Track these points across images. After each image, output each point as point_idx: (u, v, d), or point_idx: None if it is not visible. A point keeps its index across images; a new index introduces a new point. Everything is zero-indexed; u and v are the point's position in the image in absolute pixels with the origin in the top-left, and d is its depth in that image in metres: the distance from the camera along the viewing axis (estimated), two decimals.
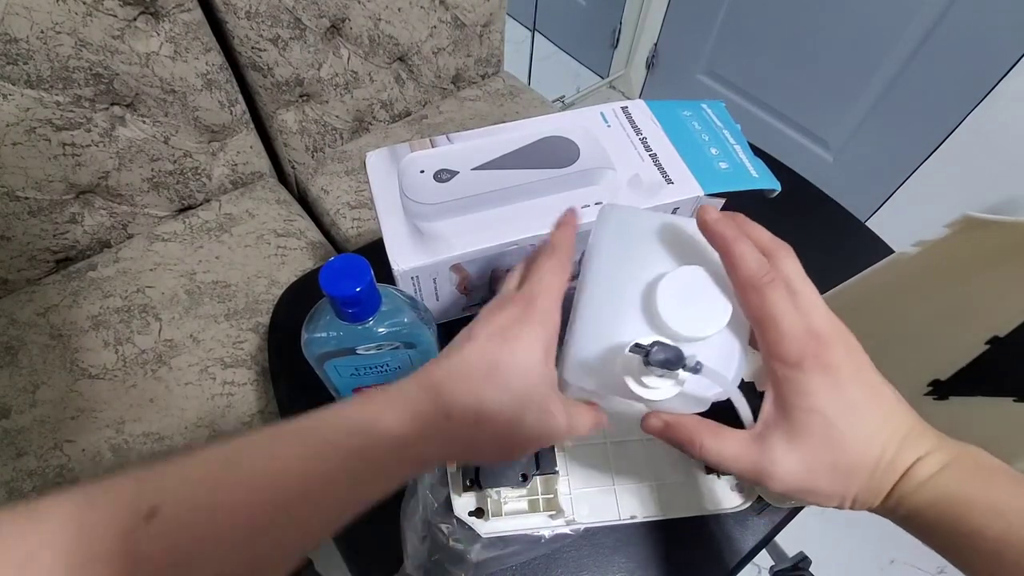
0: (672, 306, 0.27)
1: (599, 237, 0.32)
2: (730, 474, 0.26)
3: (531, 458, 0.43)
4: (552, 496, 0.44)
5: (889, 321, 0.35)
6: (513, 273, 0.33)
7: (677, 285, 0.28)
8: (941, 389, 0.34)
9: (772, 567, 0.76)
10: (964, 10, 1.07)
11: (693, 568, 0.43)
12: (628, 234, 0.31)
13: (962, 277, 0.29)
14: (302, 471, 0.23)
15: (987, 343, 0.26)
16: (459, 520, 0.43)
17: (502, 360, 0.27)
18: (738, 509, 0.45)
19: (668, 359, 0.25)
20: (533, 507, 0.44)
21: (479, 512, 0.44)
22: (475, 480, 0.42)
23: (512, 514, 0.44)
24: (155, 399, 0.73)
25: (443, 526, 0.42)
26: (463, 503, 0.44)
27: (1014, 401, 0.30)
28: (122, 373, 0.74)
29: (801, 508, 0.46)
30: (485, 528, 0.43)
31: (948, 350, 0.31)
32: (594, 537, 0.44)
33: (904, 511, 0.25)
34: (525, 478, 0.43)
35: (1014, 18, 1.02)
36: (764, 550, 0.46)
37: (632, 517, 0.44)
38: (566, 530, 0.43)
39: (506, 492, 0.44)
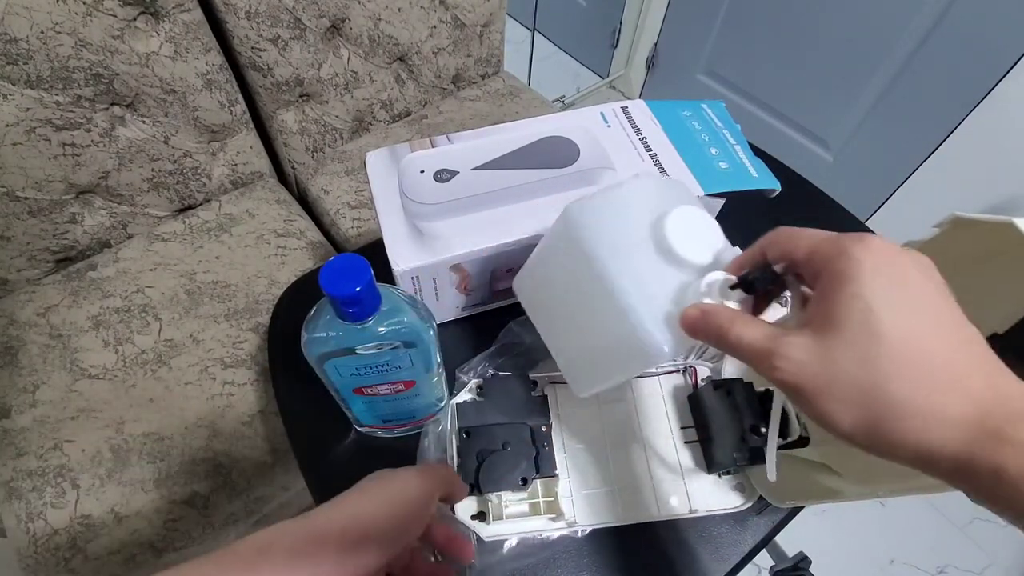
0: (683, 239, 0.30)
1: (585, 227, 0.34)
2: (753, 368, 0.25)
3: (531, 461, 0.43)
4: (552, 499, 0.44)
5: None
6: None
7: (680, 221, 0.31)
8: None
9: (772, 567, 0.76)
10: (964, 10, 1.07)
11: (693, 568, 0.43)
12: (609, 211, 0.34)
13: (955, 276, 0.29)
14: None
15: (986, 340, 0.26)
16: (461, 524, 0.43)
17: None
18: (738, 509, 0.45)
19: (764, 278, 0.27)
20: (534, 510, 0.44)
21: (481, 516, 0.44)
22: (475, 484, 0.42)
23: (513, 517, 0.43)
24: (155, 399, 0.73)
25: None
26: (464, 507, 0.44)
27: None
28: (122, 373, 0.74)
29: (801, 508, 0.46)
30: (487, 531, 0.43)
31: None
32: (596, 539, 0.44)
33: (1000, 459, 0.19)
34: (525, 481, 0.42)
35: (1014, 18, 1.02)
36: (764, 550, 0.46)
37: (632, 518, 0.44)
38: (567, 532, 0.43)
39: (507, 495, 0.43)
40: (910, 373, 0.20)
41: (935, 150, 1.22)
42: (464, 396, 0.48)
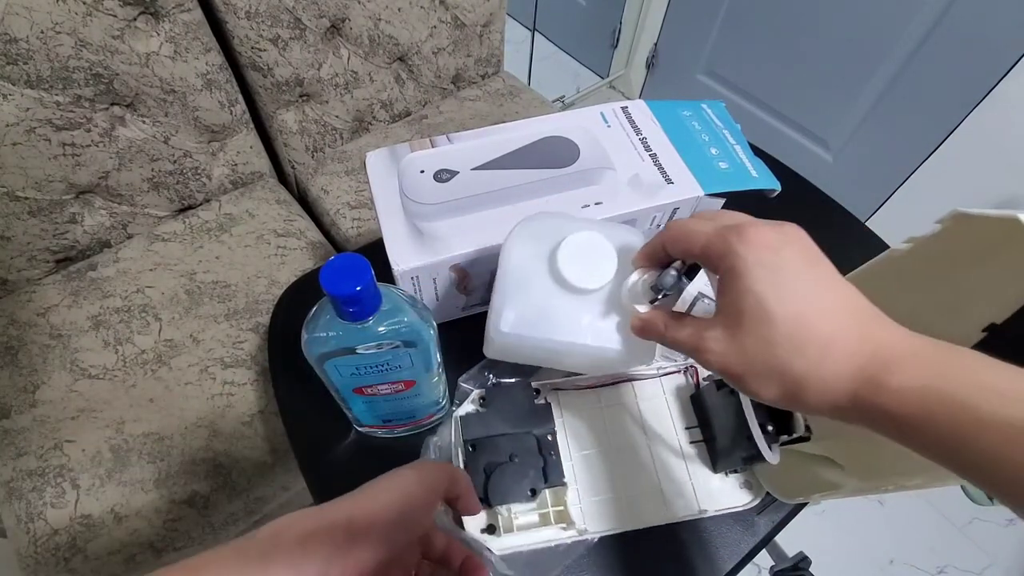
0: (570, 264, 0.35)
1: (511, 242, 0.39)
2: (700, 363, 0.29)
3: (539, 471, 0.43)
4: (562, 508, 0.44)
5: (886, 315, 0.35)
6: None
7: (575, 247, 0.35)
8: None
9: (772, 567, 0.76)
10: (964, 10, 1.07)
11: (694, 569, 0.43)
12: (536, 229, 0.39)
13: (955, 270, 0.29)
14: None
15: (984, 331, 0.26)
16: (479, 544, 0.42)
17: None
18: (747, 507, 0.45)
19: (671, 282, 0.31)
20: (544, 520, 0.43)
21: (491, 529, 0.43)
22: (484, 498, 0.42)
23: (524, 528, 0.43)
24: (155, 399, 0.73)
25: None
26: (474, 521, 0.43)
27: None
28: (122, 373, 0.74)
29: (802, 507, 0.46)
30: (498, 544, 0.42)
31: (946, 339, 0.31)
32: (604, 545, 0.43)
33: (881, 402, 0.22)
34: (534, 492, 0.42)
35: (1014, 18, 1.02)
36: (764, 550, 0.46)
37: (642, 522, 0.44)
38: (579, 540, 0.43)
39: (516, 507, 0.43)
40: (801, 349, 0.24)
41: (935, 150, 1.22)
42: (467, 408, 0.47)
